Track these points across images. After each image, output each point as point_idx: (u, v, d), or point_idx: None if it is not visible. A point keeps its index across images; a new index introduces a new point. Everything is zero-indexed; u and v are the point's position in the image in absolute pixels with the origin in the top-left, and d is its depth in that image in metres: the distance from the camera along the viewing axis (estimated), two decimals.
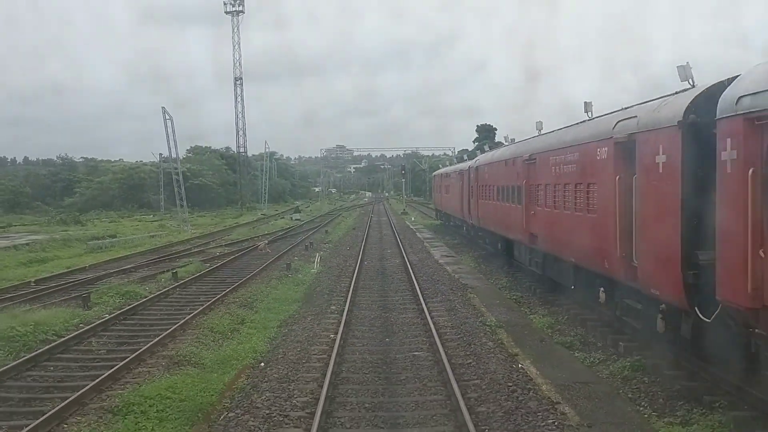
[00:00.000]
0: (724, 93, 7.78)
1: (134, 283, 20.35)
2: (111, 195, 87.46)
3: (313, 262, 25.60)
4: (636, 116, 10.43)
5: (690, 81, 9.55)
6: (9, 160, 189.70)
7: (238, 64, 79.88)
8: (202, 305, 16.37)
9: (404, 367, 11.00)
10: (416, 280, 20.06)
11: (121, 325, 14.78)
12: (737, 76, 7.87)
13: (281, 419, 8.60)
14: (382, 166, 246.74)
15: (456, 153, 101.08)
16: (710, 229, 8.09)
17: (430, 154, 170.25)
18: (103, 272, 23.78)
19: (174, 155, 50.34)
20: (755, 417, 7.91)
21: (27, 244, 36.12)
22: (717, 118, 7.78)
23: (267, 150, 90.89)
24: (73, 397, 9.31)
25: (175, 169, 50.31)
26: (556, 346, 12.36)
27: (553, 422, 8.17)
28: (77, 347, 12.81)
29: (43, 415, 8.64)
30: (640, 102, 11.10)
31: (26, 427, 8.21)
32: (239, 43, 78.95)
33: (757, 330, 7.32)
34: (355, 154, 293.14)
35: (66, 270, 25.05)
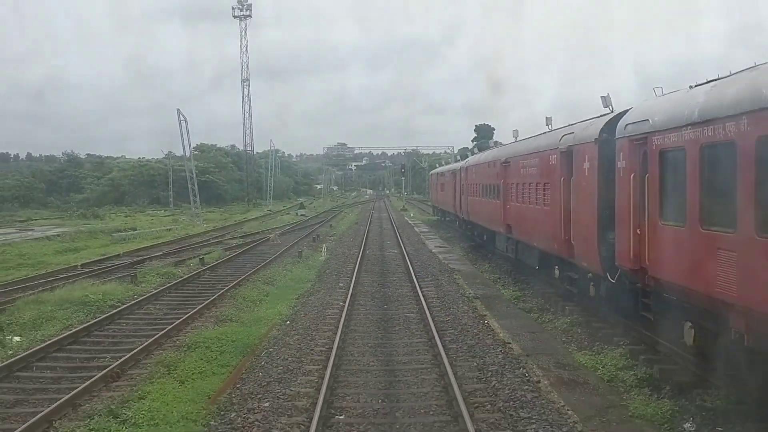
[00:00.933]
0: (620, 121, 11.11)
1: (170, 266, 23.74)
2: (122, 191, 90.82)
3: (321, 251, 28.92)
4: (573, 132, 13.78)
5: (610, 107, 12.89)
6: (12, 156, 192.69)
7: (245, 66, 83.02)
8: (232, 282, 19.73)
9: (398, 323, 14.35)
10: (411, 265, 23.39)
11: (168, 297, 18.12)
12: (630, 108, 11.21)
13: (308, 352, 11.94)
14: (383, 164, 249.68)
15: (456, 151, 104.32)
16: (614, 217, 11.43)
17: (431, 152, 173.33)
18: (137, 258, 27.18)
19: (188, 155, 53.65)
20: (644, 349, 11.20)
21: (58, 235, 39.57)
22: (615, 137, 11.12)
23: (273, 148, 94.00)
24: (152, 339, 12.67)
25: (189, 167, 53.59)
26: (517, 310, 15.74)
27: (501, 352, 11.51)
28: (139, 311, 16.17)
29: (134, 349, 11.97)
30: (580, 121, 14.43)
31: (126, 355, 11.54)
32: (246, 46, 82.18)
33: (638, 284, 10.66)
34: (357, 151, 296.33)
35: (101, 257, 28.35)
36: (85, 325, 14.10)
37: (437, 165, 68.12)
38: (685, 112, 8.67)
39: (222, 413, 8.84)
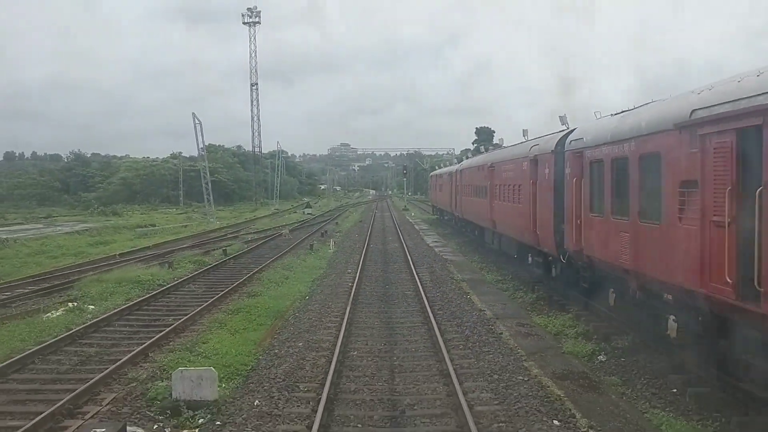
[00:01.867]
0: (568, 137, 14.44)
1: (198, 255, 27.11)
2: (134, 190, 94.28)
3: (330, 245, 32.24)
4: (538, 144, 17.11)
5: (566, 125, 16.21)
6: (17, 154, 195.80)
7: (254, 70, 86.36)
8: (255, 268, 23.06)
9: (397, 298, 17.67)
10: (410, 256, 26.70)
11: (203, 279, 21.46)
12: (575, 128, 14.53)
13: (326, 315, 15.27)
14: (385, 165, 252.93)
15: (458, 153, 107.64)
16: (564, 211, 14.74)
17: (434, 153, 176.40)
18: (166, 249, 30.54)
19: (203, 157, 57.06)
20: (586, 313, 14.47)
21: (86, 230, 43.00)
22: (564, 150, 14.45)
23: (279, 149, 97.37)
24: (203, 306, 16.01)
25: (204, 168, 56.99)
26: (495, 289, 19.06)
27: (477, 316, 14.84)
28: (183, 289, 19.49)
29: (189, 313, 15.28)
30: (546, 134, 17.75)
31: (184, 317, 14.84)
32: (255, 52, 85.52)
33: (578, 262, 13.97)
34: (360, 152, 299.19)
35: (133, 249, 31.70)
36: (143, 297, 17.47)
37: (437, 167, 71.40)
38: (603, 134, 12.00)
39: (267, 351, 12.16)
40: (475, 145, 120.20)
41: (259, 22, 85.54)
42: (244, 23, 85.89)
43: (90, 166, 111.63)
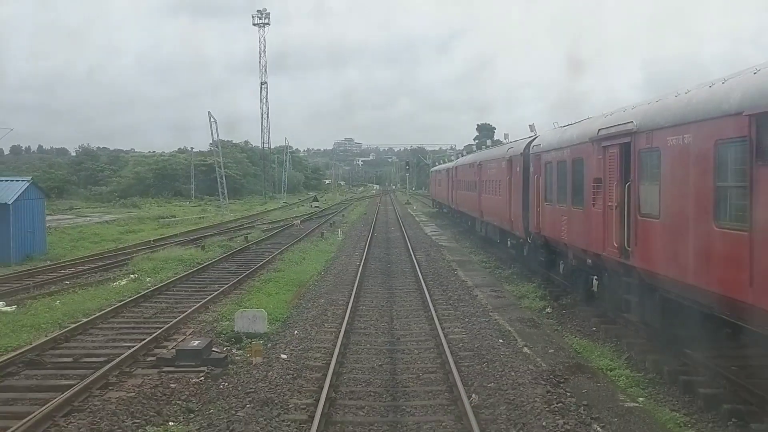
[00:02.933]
0: (533, 142, 18.22)
1: (225, 241, 30.98)
2: (147, 184, 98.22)
3: (338, 233, 36.06)
4: (513, 147, 20.89)
5: (534, 132, 19.98)
6: (24, 148, 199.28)
7: (264, 70, 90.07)
8: (276, 251, 26.88)
9: (397, 273, 21.48)
10: (409, 242, 30.52)
11: (234, 259, 25.29)
12: (538, 135, 18.31)
13: (340, 284, 19.11)
14: (389, 160, 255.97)
15: (461, 148, 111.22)
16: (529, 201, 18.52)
17: (437, 148, 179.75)
18: (193, 237, 34.40)
19: (219, 153, 60.96)
20: (546, 283, 18.22)
21: (114, 220, 46.92)
22: (529, 153, 18.23)
23: (287, 144, 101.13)
24: (240, 277, 19.86)
25: (219, 163, 60.88)
26: (479, 267, 22.87)
27: (460, 285, 18.67)
28: (219, 266, 23.32)
29: (231, 282, 19.10)
30: (520, 138, 21.51)
31: (227, 285, 18.67)
32: (265, 51, 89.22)
33: (538, 241, 17.76)
34: (364, 147, 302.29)
35: (161, 237, 35.54)
36: (189, 271, 21.34)
37: (439, 162, 75.12)
38: (552, 142, 15.79)
39: (297, 306, 16.00)
40: (476, 141, 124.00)
41: (268, 24, 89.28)
42: (254, 24, 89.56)
43: (99, 160, 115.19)
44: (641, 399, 9.11)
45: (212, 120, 59.40)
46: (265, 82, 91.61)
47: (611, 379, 9.96)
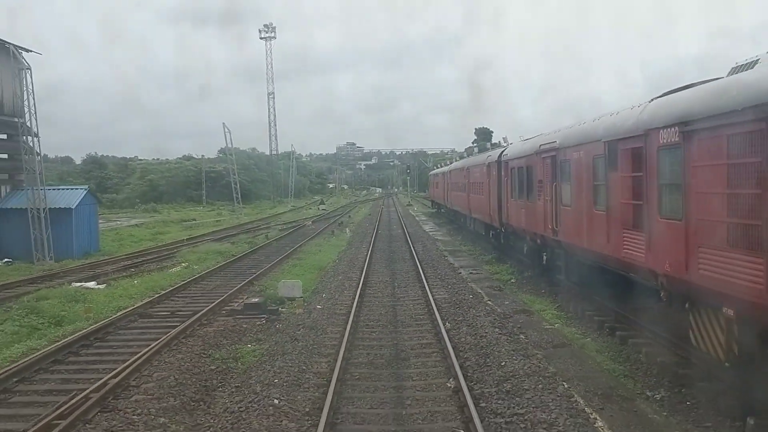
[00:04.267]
0: (504, 152, 23.00)
1: (250, 238, 35.78)
2: (160, 190, 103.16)
3: (346, 231, 40.84)
4: (491, 155, 25.67)
5: (506, 143, 24.74)
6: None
7: (270, 81, 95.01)
8: (296, 245, 31.64)
9: (398, 260, 26.24)
10: (409, 237, 35.28)
11: (261, 252, 30.04)
12: (512, 145, 23.10)
13: (352, 267, 23.88)
14: (391, 163, 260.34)
15: (463, 150, 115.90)
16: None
17: (439, 151, 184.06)
18: (220, 236, 39.19)
19: (233, 161, 65.86)
20: (517, 264, 22.94)
21: (142, 224, 51.75)
22: (501, 160, 23.01)
23: (293, 151, 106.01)
24: (271, 264, 24.64)
25: (234, 171, 65.74)
26: (466, 255, 27.62)
27: (449, 267, 23.43)
28: (250, 257, 28.07)
29: (265, 267, 23.84)
30: (497, 149, 26.25)
31: (263, 269, 23.42)
32: (272, 64, 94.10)
33: (508, 230, 22.52)
34: (366, 151, 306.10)
35: (190, 237, 40.32)
36: (228, 261, 26.13)
37: (438, 166, 79.94)
38: (514, 152, 20.56)
39: (321, 281, 20.75)
40: (475, 144, 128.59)
41: (274, 37, 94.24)
42: (261, 38, 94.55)
43: (107, 168, 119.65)
44: (557, 324, 13.85)
45: (227, 130, 64.47)
46: (273, 93, 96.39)
47: (541, 316, 14.71)
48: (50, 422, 8.45)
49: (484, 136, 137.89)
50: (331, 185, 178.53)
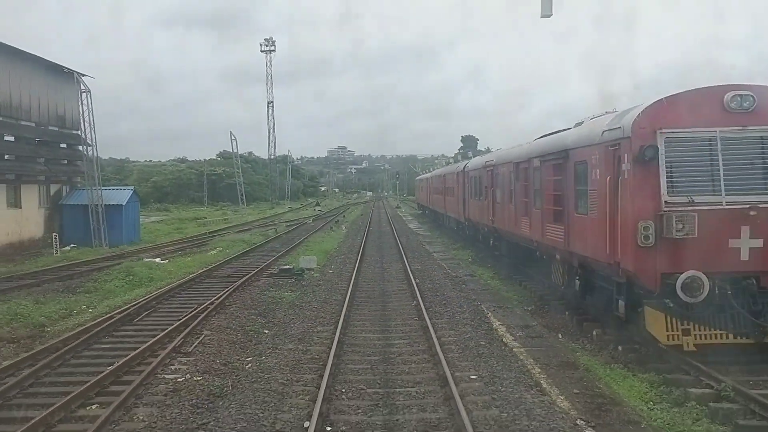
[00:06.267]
0: (467, 164, 30.19)
1: (263, 231, 42.79)
2: (164, 192, 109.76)
3: (342, 228, 47.89)
4: (459, 165, 32.85)
5: (471, 156, 31.91)
6: None
7: (270, 91, 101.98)
8: (302, 237, 38.65)
9: (386, 249, 33.34)
10: (396, 232, 42.41)
11: (275, 241, 37.04)
12: (472, 159, 30.31)
13: (350, 253, 30.97)
14: (381, 168, 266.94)
15: (451, 157, 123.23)
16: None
17: (429, 156, 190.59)
18: (238, 230, 46.13)
19: (238, 166, 72.80)
20: (479, 249, 30.06)
21: (161, 221, 58.56)
22: (466, 171, 30.19)
23: (289, 156, 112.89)
24: (287, 249, 31.68)
25: (239, 175, 72.67)
26: (440, 244, 34.77)
27: (425, 252, 30.60)
28: (268, 245, 35.06)
29: (284, 251, 30.84)
30: (467, 161, 33.43)
31: (282, 252, 30.43)
32: (272, 75, 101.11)
33: (474, 225, 29.69)
34: (357, 155, 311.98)
35: (208, 231, 47.23)
36: (251, 247, 33.12)
37: (424, 171, 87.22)
38: (473, 165, 27.75)
39: (328, 260, 27.79)
40: (461, 150, 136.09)
41: (274, 50, 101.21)
42: (261, 51, 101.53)
43: (104, 170, 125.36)
44: (489, 281, 20.99)
45: (233, 138, 71.37)
46: (272, 102, 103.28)
47: (484, 279, 21.80)
48: (195, 314, 15.46)
49: (469, 143, 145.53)
50: (323, 188, 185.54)
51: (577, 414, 8.72)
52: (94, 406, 9.55)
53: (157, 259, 27.70)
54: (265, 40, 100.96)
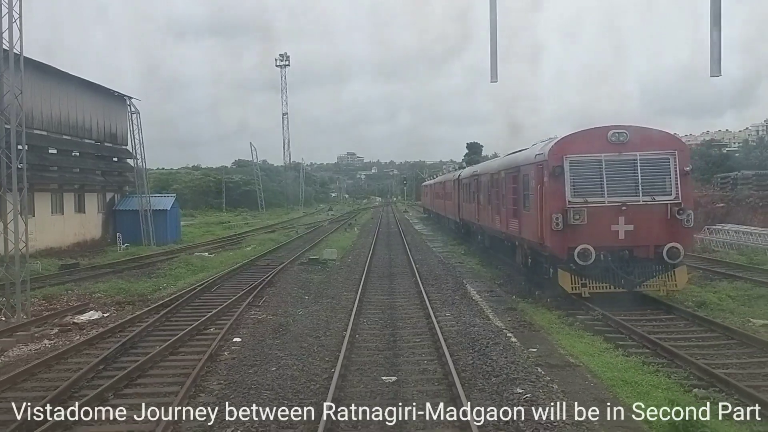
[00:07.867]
0: (461, 173, 36.09)
1: (286, 232, 48.75)
2: (185, 198, 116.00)
3: (355, 229, 53.79)
4: (454, 174, 38.76)
5: (463, 167, 37.77)
6: None
7: (285, 102, 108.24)
8: (321, 236, 44.56)
9: (394, 245, 39.19)
10: (402, 232, 48.29)
11: (299, 240, 42.94)
12: (464, 169, 36.19)
13: (364, 247, 36.89)
14: (391, 173, 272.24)
15: (459, 161, 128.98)
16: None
17: (438, 161, 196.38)
18: (264, 232, 52.11)
19: (258, 175, 78.91)
20: (472, 243, 35.87)
21: (191, 224, 64.65)
22: (460, 179, 36.10)
23: (303, 163, 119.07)
24: (311, 245, 37.63)
25: (258, 183, 78.80)
26: (439, 241, 40.62)
27: (427, 247, 36.48)
28: (293, 243, 40.98)
29: (309, 246, 36.75)
30: (462, 169, 39.30)
31: (309, 246, 36.34)
32: (286, 88, 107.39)
33: (463, 223, 35.58)
34: (366, 161, 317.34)
35: (235, 233, 53.19)
36: (279, 245, 39.08)
37: (430, 177, 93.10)
38: (464, 174, 33.65)
39: (347, 254, 33.67)
40: (466, 157, 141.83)
41: (288, 65, 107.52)
42: (276, 65, 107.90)
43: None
44: (476, 267, 26.81)
45: (253, 148, 77.84)
46: (287, 113, 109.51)
47: (470, 265, 27.58)
48: (253, 287, 21.37)
49: (474, 149, 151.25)
50: (333, 194, 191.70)
51: (505, 328, 14.57)
52: (211, 329, 15.48)
53: (206, 253, 33.69)
54: (279, 55, 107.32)
